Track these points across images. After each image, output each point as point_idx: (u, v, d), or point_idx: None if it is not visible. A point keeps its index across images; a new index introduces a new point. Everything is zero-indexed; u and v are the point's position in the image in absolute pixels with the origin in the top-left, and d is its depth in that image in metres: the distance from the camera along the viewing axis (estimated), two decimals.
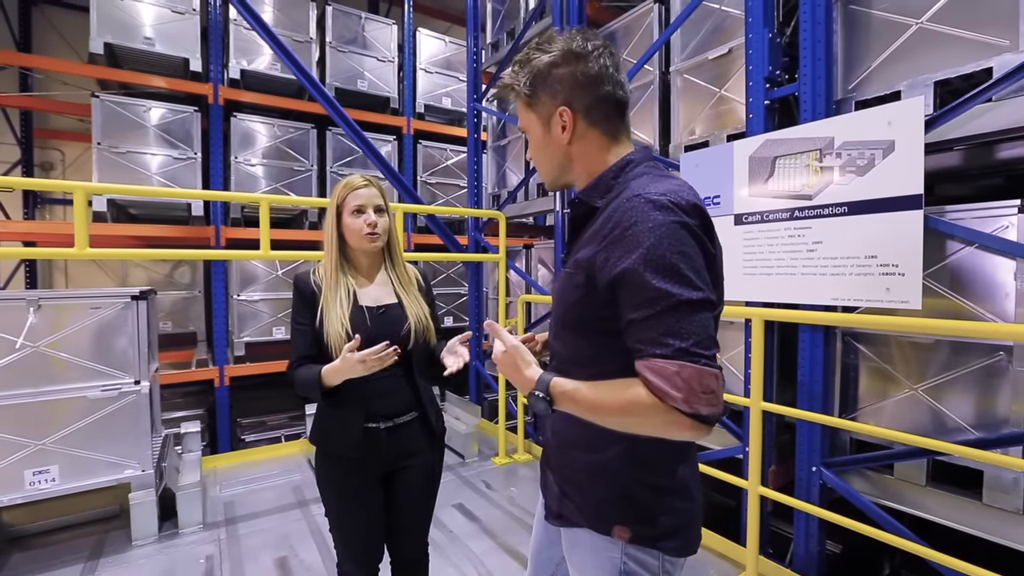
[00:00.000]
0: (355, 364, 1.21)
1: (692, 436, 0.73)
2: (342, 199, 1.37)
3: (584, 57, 0.87)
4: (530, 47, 0.93)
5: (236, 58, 4.65)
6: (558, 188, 1.00)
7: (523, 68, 0.92)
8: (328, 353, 1.32)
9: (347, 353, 1.20)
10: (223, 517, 2.77)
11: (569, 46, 0.88)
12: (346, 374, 1.24)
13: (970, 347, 1.89)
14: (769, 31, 2.30)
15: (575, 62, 0.88)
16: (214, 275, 4.58)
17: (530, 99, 0.92)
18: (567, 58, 0.88)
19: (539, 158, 0.97)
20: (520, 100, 0.95)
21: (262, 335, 4.73)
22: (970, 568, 1.59)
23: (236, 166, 4.68)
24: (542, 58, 0.90)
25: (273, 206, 3.72)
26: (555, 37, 0.91)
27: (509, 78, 0.94)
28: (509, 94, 0.96)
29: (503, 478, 3.39)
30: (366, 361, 1.20)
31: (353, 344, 1.20)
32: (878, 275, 1.92)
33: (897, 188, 1.85)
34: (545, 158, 0.96)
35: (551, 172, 0.97)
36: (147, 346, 2.60)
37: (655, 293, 0.72)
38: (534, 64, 0.90)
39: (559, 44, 0.89)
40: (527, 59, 0.92)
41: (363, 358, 1.19)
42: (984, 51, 1.81)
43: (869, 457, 2.11)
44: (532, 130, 0.95)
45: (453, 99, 6.12)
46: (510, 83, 0.94)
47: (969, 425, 1.90)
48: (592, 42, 0.88)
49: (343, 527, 1.39)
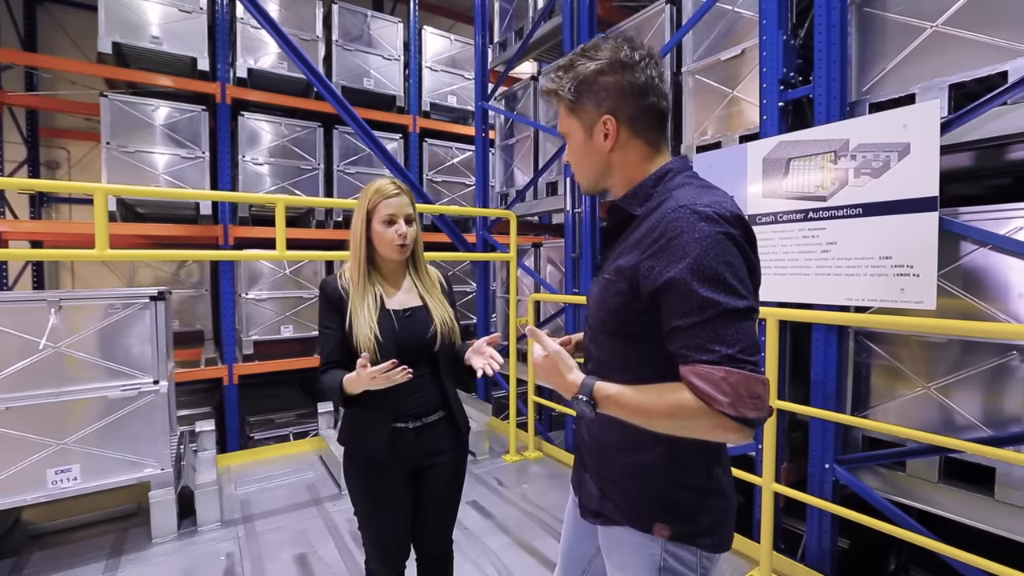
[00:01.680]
0: (366, 380, 1.22)
1: (737, 439, 0.75)
2: (373, 205, 1.37)
3: (631, 67, 0.88)
4: (575, 53, 0.93)
5: (243, 57, 4.65)
6: (595, 193, 1.02)
7: (567, 73, 0.93)
8: (357, 357, 1.34)
9: (360, 369, 1.22)
10: (240, 515, 2.79)
11: (616, 55, 0.89)
12: (362, 387, 1.26)
13: (982, 346, 1.92)
14: (783, 33, 2.32)
15: (622, 72, 0.89)
16: (222, 274, 4.59)
17: (574, 105, 0.93)
18: (614, 67, 0.89)
19: (579, 164, 0.98)
20: (563, 105, 0.95)
21: (270, 333, 4.75)
22: (982, 562, 1.63)
23: (243, 165, 4.69)
24: (588, 65, 0.90)
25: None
26: (601, 45, 0.91)
27: (553, 83, 0.95)
28: (552, 98, 0.97)
29: (515, 475, 3.42)
30: (376, 378, 1.21)
31: (364, 359, 1.21)
32: (893, 276, 1.95)
33: (912, 190, 1.88)
34: (585, 164, 0.97)
35: (590, 178, 0.98)
36: (165, 346, 2.63)
37: (702, 301, 0.75)
38: (579, 70, 0.91)
39: (606, 52, 0.90)
40: (571, 65, 0.93)
41: (372, 375, 1.20)
42: (999, 55, 1.83)
43: (882, 454, 2.14)
44: (573, 135, 0.96)
45: (459, 97, 6.13)
46: (554, 88, 0.94)
47: (981, 423, 1.93)
48: (639, 52, 0.89)
49: (372, 526, 1.42)
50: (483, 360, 1.33)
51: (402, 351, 1.35)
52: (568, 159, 1.01)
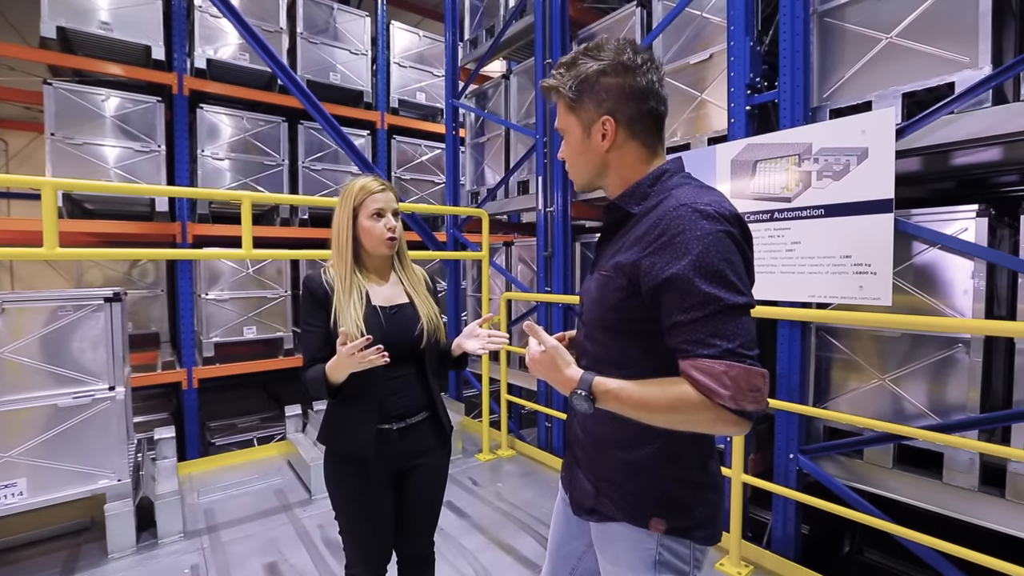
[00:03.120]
0: (346, 359, 1.19)
1: (736, 431, 0.78)
2: (360, 201, 1.36)
3: (634, 70, 0.90)
4: (578, 51, 0.94)
5: (201, 46, 4.44)
6: (588, 191, 1.03)
7: (569, 71, 0.94)
8: None
9: (340, 347, 1.19)
10: (204, 525, 2.68)
11: (620, 57, 0.90)
12: (343, 368, 1.23)
13: (932, 340, 2.05)
14: (750, 40, 2.40)
15: (624, 74, 0.90)
16: (180, 273, 4.38)
17: (574, 103, 0.94)
18: (617, 69, 0.90)
19: (574, 161, 0.99)
20: (562, 102, 0.96)
21: (232, 335, 4.57)
22: (931, 540, 1.76)
23: (202, 160, 4.49)
24: (591, 65, 0.91)
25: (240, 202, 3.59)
26: (605, 46, 0.92)
27: (554, 79, 0.95)
28: (552, 94, 0.97)
29: (488, 474, 3.42)
30: (354, 355, 1.18)
31: (344, 336, 1.19)
32: (852, 274, 2.05)
33: (870, 193, 1.98)
34: (581, 162, 0.98)
35: (585, 176, 0.99)
36: (121, 350, 2.49)
37: (703, 297, 0.76)
38: (581, 69, 0.92)
39: (609, 54, 0.91)
40: (574, 62, 0.93)
41: (350, 351, 1.17)
42: (947, 66, 1.96)
43: (841, 443, 2.25)
44: (571, 133, 0.97)
45: (427, 94, 6.06)
46: (555, 84, 0.95)
47: (931, 411, 2.06)
48: (641, 56, 0.91)
49: (354, 530, 1.39)
50: (480, 342, 1.33)
51: (388, 348, 1.32)
52: (563, 156, 1.02)
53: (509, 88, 4.40)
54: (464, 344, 1.37)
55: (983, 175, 2.76)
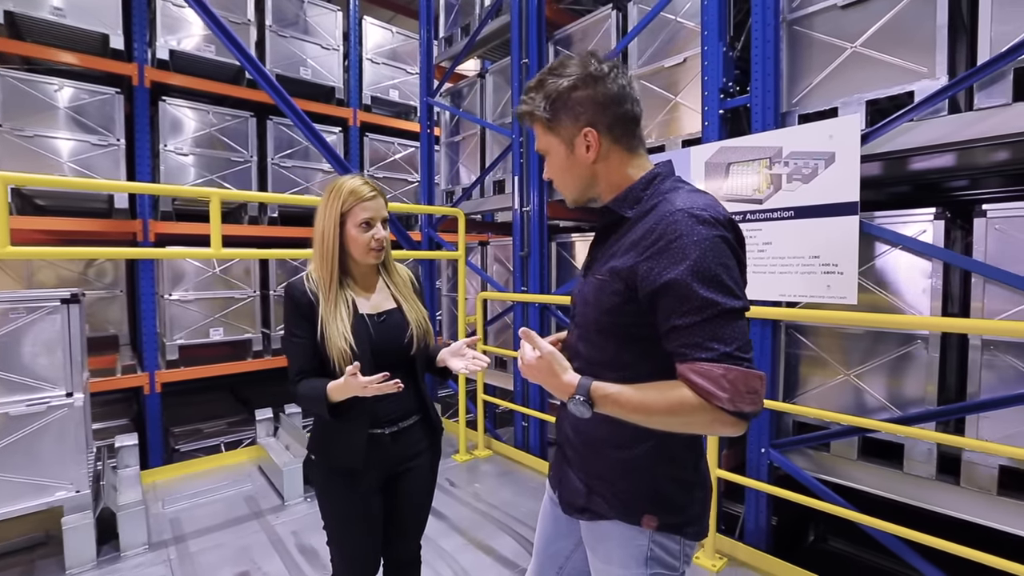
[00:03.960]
0: (358, 388, 1.17)
1: (733, 432, 0.79)
2: (348, 208, 1.30)
3: (602, 79, 0.91)
4: (543, 73, 0.95)
5: (164, 36, 4.26)
6: (581, 204, 1.03)
7: (539, 92, 0.94)
8: (330, 366, 1.27)
9: (350, 377, 1.16)
10: (171, 535, 2.58)
11: (586, 69, 0.91)
12: (350, 394, 1.20)
13: (893, 336, 2.15)
14: (723, 45, 2.46)
15: (594, 84, 0.91)
16: (141, 273, 4.19)
17: (550, 122, 0.94)
18: (586, 81, 0.91)
19: (562, 179, 1.00)
20: (539, 124, 0.97)
21: (198, 337, 4.40)
22: (892, 527, 1.85)
23: (165, 155, 4.31)
24: (560, 82, 0.92)
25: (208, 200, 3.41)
26: (567, 62, 0.94)
27: (527, 104, 0.96)
28: (526, 119, 0.98)
29: (465, 475, 3.41)
30: (367, 388, 1.16)
31: (355, 368, 1.16)
32: (820, 273, 2.13)
33: (837, 195, 2.06)
34: (570, 178, 0.99)
35: (576, 190, 1.00)
36: (79, 354, 2.37)
37: (701, 302, 0.78)
38: (551, 88, 0.93)
39: (575, 68, 0.92)
40: (541, 84, 0.94)
41: (366, 384, 1.15)
42: (907, 76, 2.05)
43: (810, 437, 2.34)
44: (553, 152, 0.98)
45: (401, 92, 5.98)
46: (529, 109, 0.96)
47: (892, 404, 2.16)
48: (606, 64, 0.92)
49: (343, 541, 1.36)
50: (464, 362, 1.31)
51: (377, 357, 1.30)
52: (549, 175, 1.02)
53: (484, 87, 4.39)
54: (449, 362, 1.35)
55: (937, 180, 2.91)
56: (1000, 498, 1.89)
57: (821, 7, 2.26)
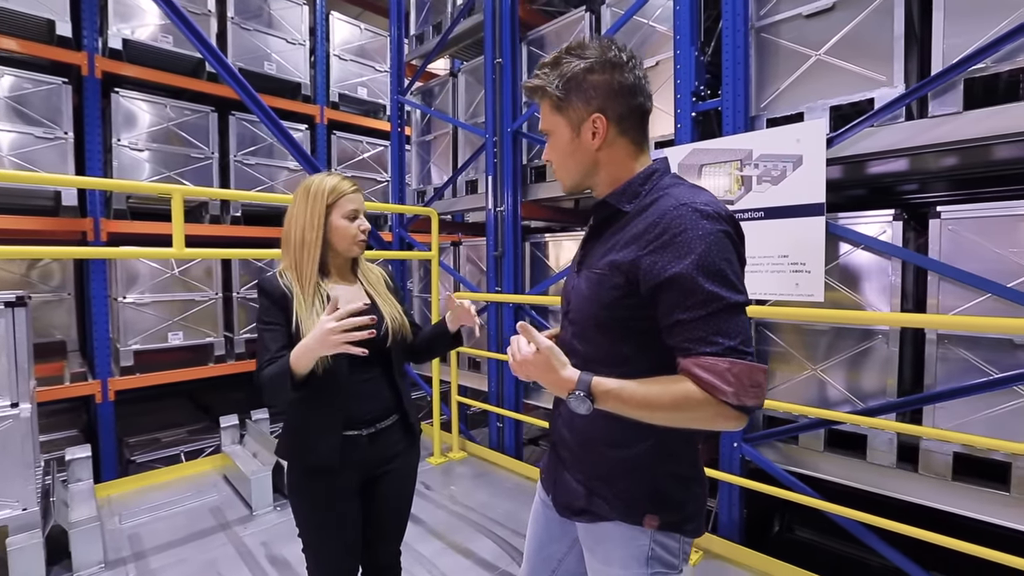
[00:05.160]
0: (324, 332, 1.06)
1: (736, 426, 0.79)
2: (334, 200, 1.30)
3: (621, 67, 0.90)
4: (562, 51, 0.93)
5: (116, 25, 4.03)
6: (576, 192, 1.02)
7: (554, 70, 0.92)
8: None
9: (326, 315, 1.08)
10: (129, 552, 2.43)
11: (606, 55, 0.90)
12: (318, 349, 1.09)
13: (856, 332, 2.24)
14: (695, 50, 2.52)
15: (612, 70, 0.90)
16: (92, 275, 3.95)
17: (561, 102, 0.92)
18: (604, 66, 0.90)
19: (563, 162, 0.98)
20: (548, 102, 0.94)
21: (155, 342, 4.18)
22: (857, 514, 1.94)
23: (118, 150, 4.07)
24: (577, 63, 0.90)
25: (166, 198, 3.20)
26: (589, 44, 0.92)
27: (539, 79, 0.93)
28: (536, 95, 0.95)
29: (440, 478, 3.37)
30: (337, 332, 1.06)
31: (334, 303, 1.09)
32: (789, 272, 2.21)
33: (804, 197, 2.14)
34: (571, 163, 0.97)
35: (574, 176, 0.98)
36: (25, 361, 2.20)
37: (706, 296, 0.77)
38: (567, 68, 0.91)
39: (594, 51, 0.91)
40: (558, 62, 0.92)
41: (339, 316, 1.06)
42: (868, 84, 2.15)
43: (779, 431, 2.42)
44: (558, 133, 0.95)
45: (370, 89, 5.86)
46: (541, 84, 0.93)
47: (856, 397, 2.26)
48: (626, 53, 0.91)
49: (319, 547, 1.31)
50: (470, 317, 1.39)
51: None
52: (549, 157, 1.00)
53: (457, 86, 4.35)
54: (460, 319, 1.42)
55: (892, 183, 3.07)
56: (954, 483, 2.00)
57: (787, 16, 2.34)
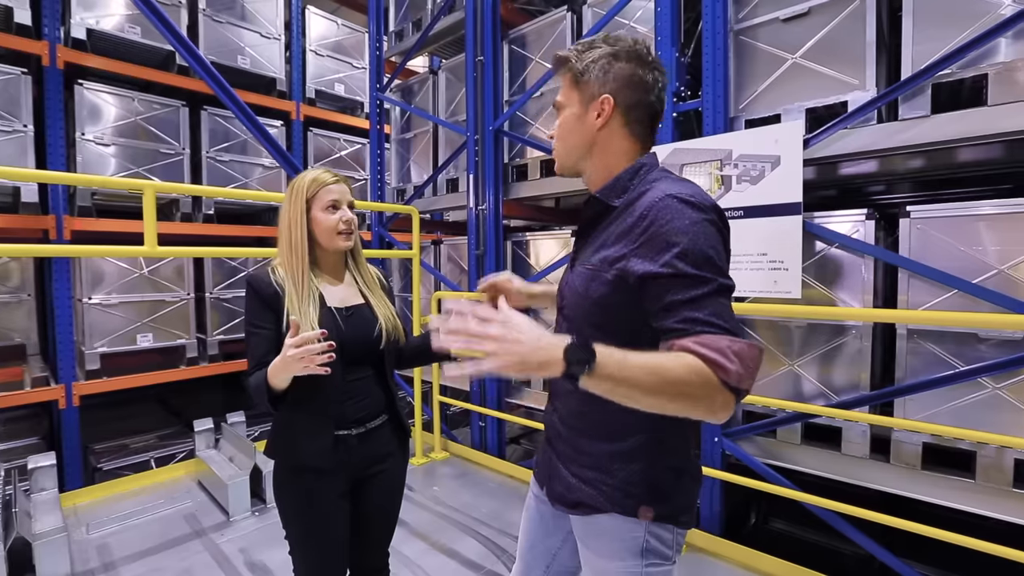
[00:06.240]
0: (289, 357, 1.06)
1: (724, 416, 0.75)
2: (313, 193, 1.27)
3: (646, 63, 0.95)
4: (597, 37, 0.98)
5: (80, 14, 3.86)
6: (568, 173, 1.04)
7: (585, 50, 0.97)
8: None
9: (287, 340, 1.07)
10: (98, 563, 2.33)
11: (635, 48, 0.96)
12: (287, 369, 1.09)
13: (831, 328, 2.31)
14: (675, 51, 2.56)
15: (636, 62, 0.94)
16: (55, 275, 3.77)
17: (580, 76, 0.96)
18: (630, 56, 0.94)
19: (564, 138, 1.01)
20: (570, 76, 0.98)
21: (123, 344, 4.02)
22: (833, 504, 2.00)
23: (82, 144, 3.91)
24: (607, 48, 0.95)
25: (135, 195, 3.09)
26: (622, 38, 0.97)
27: (568, 52, 0.98)
28: (561, 67, 0.99)
29: (422, 478, 3.34)
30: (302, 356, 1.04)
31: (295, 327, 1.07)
32: (768, 270, 2.26)
33: (783, 196, 2.20)
34: (571, 139, 1.00)
35: (570, 153, 1.01)
36: None
37: (698, 279, 0.78)
38: (596, 51, 0.95)
39: (626, 44, 0.96)
40: (591, 44, 0.97)
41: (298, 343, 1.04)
42: (842, 87, 2.22)
43: (758, 425, 2.47)
44: (568, 107, 0.99)
45: (347, 86, 5.77)
46: (568, 56, 0.98)
47: (831, 391, 2.33)
48: (654, 56, 0.97)
49: (306, 548, 1.28)
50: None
51: (346, 352, 1.24)
52: (553, 132, 1.04)
53: (437, 84, 4.32)
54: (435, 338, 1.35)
55: (862, 184, 3.18)
56: (924, 472, 2.08)
57: (765, 19, 2.40)
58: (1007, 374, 1.89)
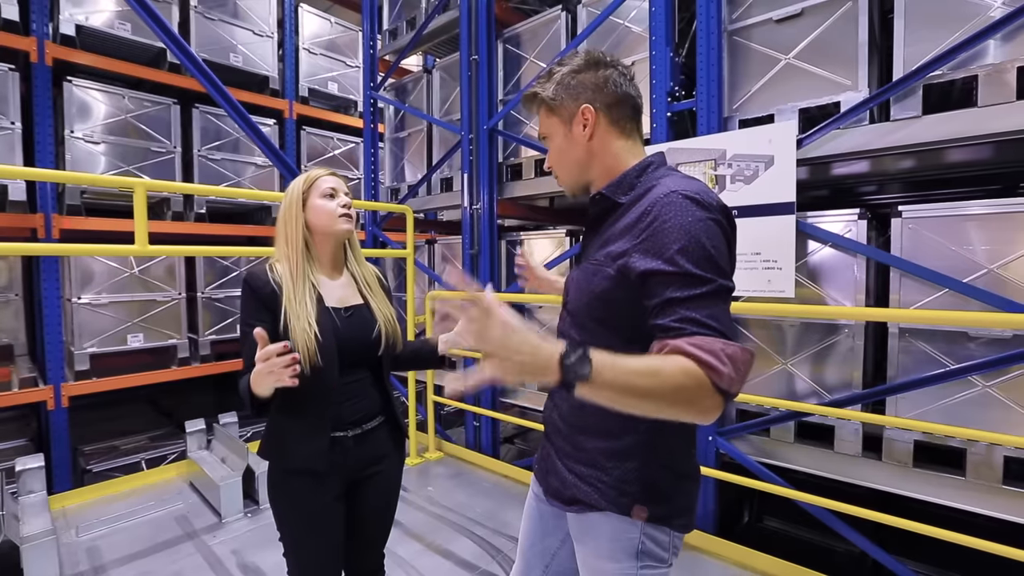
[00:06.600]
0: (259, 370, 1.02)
1: (711, 418, 0.74)
2: (308, 186, 1.28)
3: (604, 64, 0.97)
4: (553, 65, 1.01)
5: (68, 10, 3.81)
6: (578, 191, 1.04)
7: (548, 79, 1.00)
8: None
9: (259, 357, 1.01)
10: (88, 566, 2.30)
11: (591, 56, 0.99)
12: (259, 385, 1.06)
13: (824, 327, 2.33)
14: (670, 51, 2.57)
15: (596, 67, 0.97)
16: (44, 275, 3.72)
17: (553, 102, 0.98)
18: (588, 65, 0.98)
19: (560, 162, 1.02)
20: (544, 108, 1.01)
21: (113, 344, 3.98)
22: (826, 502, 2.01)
23: (71, 142, 3.86)
24: (565, 68, 0.99)
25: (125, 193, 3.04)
26: (577, 52, 1.01)
27: (534, 88, 1.01)
28: (532, 103, 1.03)
29: (416, 478, 3.33)
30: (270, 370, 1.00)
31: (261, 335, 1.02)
32: (762, 269, 2.27)
33: (776, 196, 2.21)
34: (567, 160, 1.01)
35: (572, 173, 1.02)
36: None
37: (698, 277, 0.77)
38: (557, 76, 0.99)
39: (580, 57, 0.99)
40: (551, 73, 1.00)
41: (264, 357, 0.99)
42: (835, 88, 2.23)
43: (752, 424, 2.48)
44: (554, 134, 1.01)
45: (340, 85, 5.74)
46: (536, 90, 1.01)
47: (824, 389, 2.35)
48: (610, 56, 0.99)
49: (301, 551, 1.26)
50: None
51: (343, 352, 1.23)
52: (550, 163, 1.05)
53: (431, 83, 4.31)
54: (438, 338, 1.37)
55: (854, 184, 3.20)
56: (915, 469, 2.10)
57: (759, 20, 2.41)
58: (997, 372, 1.91)
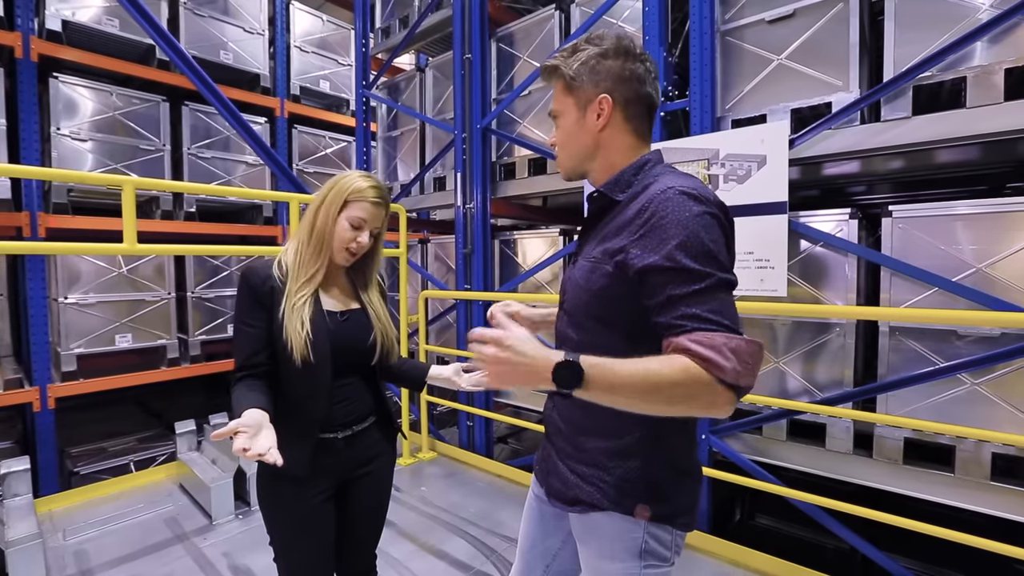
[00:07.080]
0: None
1: (726, 412, 0.74)
2: (351, 200, 1.21)
3: (634, 56, 0.94)
4: (580, 40, 0.97)
5: (55, 5, 3.75)
6: (574, 178, 1.03)
7: (572, 54, 0.96)
8: (284, 356, 1.17)
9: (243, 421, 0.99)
10: (75, 570, 2.27)
11: (621, 44, 0.95)
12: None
13: (815, 325, 2.35)
14: (663, 51, 2.57)
15: (624, 57, 0.94)
16: (29, 274, 3.66)
17: (572, 82, 0.96)
18: (618, 52, 0.94)
19: (566, 143, 1.00)
20: (561, 82, 0.98)
21: (101, 345, 3.92)
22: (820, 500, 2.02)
23: (57, 139, 3.79)
24: (593, 49, 0.94)
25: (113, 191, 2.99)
26: (606, 35, 0.96)
27: (556, 60, 0.97)
28: (551, 76, 0.99)
29: (410, 479, 3.31)
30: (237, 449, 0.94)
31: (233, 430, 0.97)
32: (754, 268, 2.28)
33: (769, 195, 2.22)
34: (573, 144, 0.99)
35: (575, 159, 1.00)
36: None
37: (697, 273, 0.77)
38: (582, 52, 0.95)
39: (610, 41, 0.95)
40: (576, 48, 0.96)
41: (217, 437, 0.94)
42: (826, 88, 2.25)
43: (744, 422, 2.50)
44: (566, 114, 0.98)
45: (332, 83, 5.69)
46: (557, 64, 0.97)
47: (815, 387, 2.36)
48: (640, 47, 0.96)
49: (291, 554, 1.25)
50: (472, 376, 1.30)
51: (337, 356, 1.21)
52: (554, 140, 1.03)
53: (424, 82, 4.29)
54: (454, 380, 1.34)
55: (845, 184, 3.23)
56: (905, 467, 2.12)
57: (751, 20, 2.42)
58: (985, 370, 1.93)
